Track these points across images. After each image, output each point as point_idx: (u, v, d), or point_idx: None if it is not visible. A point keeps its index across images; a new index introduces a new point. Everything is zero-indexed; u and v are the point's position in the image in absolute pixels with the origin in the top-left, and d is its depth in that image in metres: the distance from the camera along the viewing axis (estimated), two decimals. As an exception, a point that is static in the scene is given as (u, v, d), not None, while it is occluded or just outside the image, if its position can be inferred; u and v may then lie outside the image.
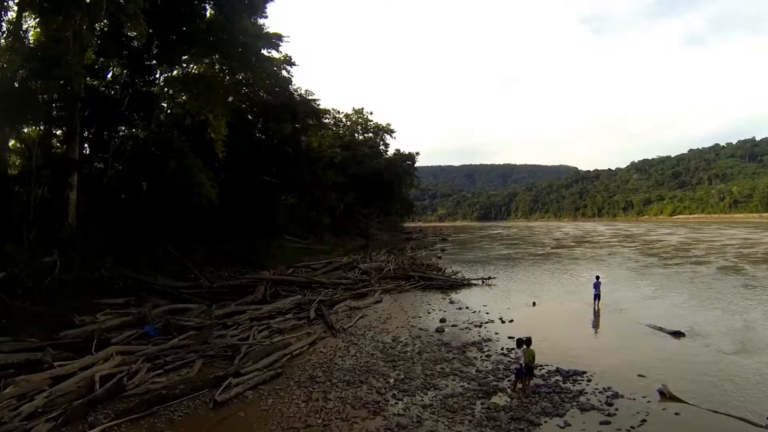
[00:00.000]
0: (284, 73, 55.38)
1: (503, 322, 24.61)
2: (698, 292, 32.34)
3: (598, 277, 28.35)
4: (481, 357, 18.62)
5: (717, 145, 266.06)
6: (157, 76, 36.18)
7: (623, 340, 21.24)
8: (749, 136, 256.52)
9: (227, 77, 41.05)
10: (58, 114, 29.93)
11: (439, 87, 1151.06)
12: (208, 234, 39.91)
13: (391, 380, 15.97)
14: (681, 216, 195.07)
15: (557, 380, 15.78)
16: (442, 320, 24.89)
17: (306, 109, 49.65)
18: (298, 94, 50.16)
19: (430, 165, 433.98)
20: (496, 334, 22.05)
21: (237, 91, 41.78)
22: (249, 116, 46.86)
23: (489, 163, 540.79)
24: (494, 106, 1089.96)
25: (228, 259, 41.24)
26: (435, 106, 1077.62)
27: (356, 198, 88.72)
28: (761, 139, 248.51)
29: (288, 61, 55.80)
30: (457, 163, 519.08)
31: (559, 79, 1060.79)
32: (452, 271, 44.63)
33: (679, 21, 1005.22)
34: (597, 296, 27.51)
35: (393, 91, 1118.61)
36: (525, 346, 15.23)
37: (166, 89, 36.27)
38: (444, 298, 32.06)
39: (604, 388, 14.88)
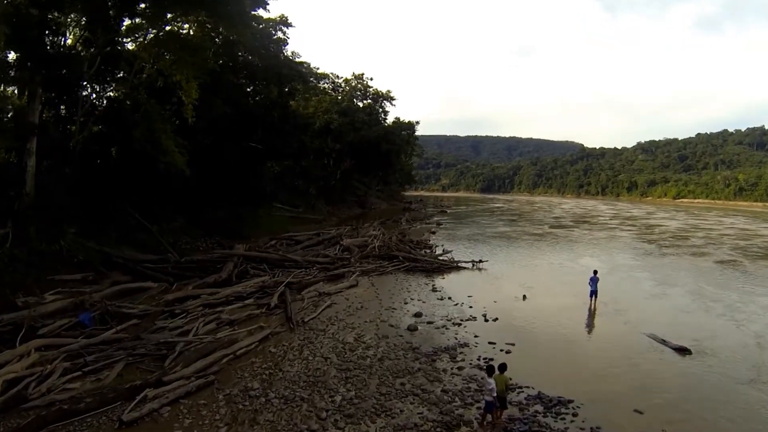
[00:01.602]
0: (279, 34, 52.26)
1: (486, 320, 22.00)
2: (701, 292, 29.80)
3: (595, 272, 25.80)
4: (451, 369, 15.92)
5: (725, 131, 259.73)
6: (126, 33, 33.10)
7: (620, 356, 18.35)
8: (759, 125, 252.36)
9: (217, 38, 38.25)
10: (15, 74, 27.18)
11: (447, 56, 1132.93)
12: (188, 202, 37.43)
13: (339, 398, 13.43)
14: (685, 200, 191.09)
15: (536, 411, 13.18)
16: (418, 315, 22.27)
17: (291, 72, 46.27)
18: (284, 56, 46.88)
19: (435, 134, 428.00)
20: (476, 337, 19.38)
21: (216, 51, 38.73)
22: (235, 79, 43.70)
23: (495, 135, 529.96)
24: (502, 78, 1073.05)
25: (209, 228, 38.95)
26: (442, 75, 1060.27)
27: (353, 166, 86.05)
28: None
29: (284, 22, 52.57)
30: (462, 134, 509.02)
31: (570, 54, 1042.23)
32: (444, 250, 42.17)
33: (694, 3, 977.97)
34: (594, 293, 25.20)
35: (398, 58, 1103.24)
36: (498, 373, 12.66)
37: (135, 48, 33.09)
38: (427, 284, 29.49)
39: (592, 429, 12.29)
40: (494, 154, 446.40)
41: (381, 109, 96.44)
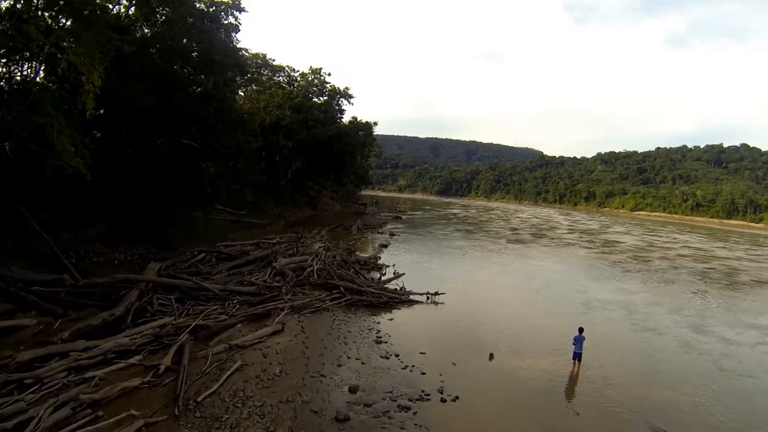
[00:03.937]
0: (231, 19, 46.65)
1: (444, 400, 16.86)
2: (685, 339, 26.81)
3: (581, 330, 21.11)
4: None
5: (684, 146, 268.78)
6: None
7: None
8: (717, 142, 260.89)
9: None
10: None
11: (411, 56, 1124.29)
12: (109, 204, 31.94)
13: None
14: (642, 212, 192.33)
15: None
16: (353, 389, 16.85)
17: (226, 60, 40.50)
18: (217, 41, 41.16)
19: (395, 134, 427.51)
20: (428, 436, 14.21)
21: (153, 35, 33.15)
22: (165, 65, 37.86)
23: (455, 138, 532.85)
24: (466, 81, 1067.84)
25: (134, 235, 33.65)
26: (405, 75, 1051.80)
27: (305, 166, 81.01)
28: (728, 147, 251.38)
29: (236, 6, 47.05)
30: (422, 135, 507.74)
31: (535, 62, 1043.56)
32: (395, 273, 37.40)
33: (661, 21, 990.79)
34: (578, 356, 20.72)
35: (365, 55, 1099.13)
36: None
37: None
38: (370, 329, 24.24)
39: None
40: (453, 157, 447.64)
41: (338, 107, 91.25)
